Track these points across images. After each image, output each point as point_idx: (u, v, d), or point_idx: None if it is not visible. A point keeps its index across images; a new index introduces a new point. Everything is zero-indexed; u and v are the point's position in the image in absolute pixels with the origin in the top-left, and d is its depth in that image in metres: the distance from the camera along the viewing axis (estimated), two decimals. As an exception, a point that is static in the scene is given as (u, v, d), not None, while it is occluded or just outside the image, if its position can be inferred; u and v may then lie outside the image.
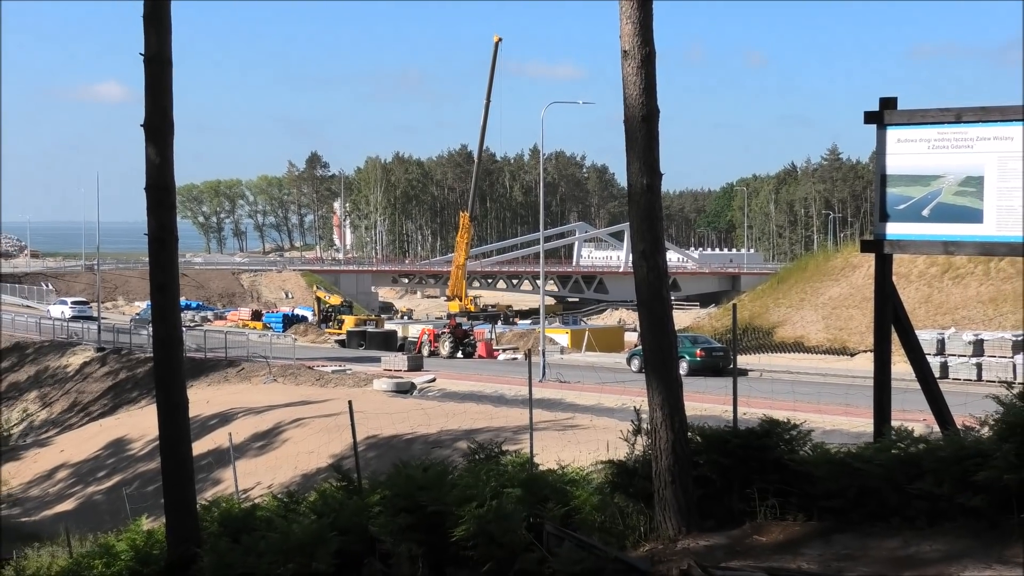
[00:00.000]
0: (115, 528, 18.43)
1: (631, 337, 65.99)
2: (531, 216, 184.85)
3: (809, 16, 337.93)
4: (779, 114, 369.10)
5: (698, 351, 46.72)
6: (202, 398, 41.95)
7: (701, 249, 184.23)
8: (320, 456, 32.70)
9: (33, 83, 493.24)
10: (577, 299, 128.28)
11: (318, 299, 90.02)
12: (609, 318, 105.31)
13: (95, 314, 77.62)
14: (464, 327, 68.99)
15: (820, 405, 31.03)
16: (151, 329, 14.13)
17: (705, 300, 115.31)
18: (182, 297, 15.94)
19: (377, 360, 56.53)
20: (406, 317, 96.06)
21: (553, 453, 16.27)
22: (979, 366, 44.45)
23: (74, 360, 63.96)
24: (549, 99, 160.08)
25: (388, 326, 78.60)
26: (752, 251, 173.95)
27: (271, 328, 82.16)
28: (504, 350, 64.92)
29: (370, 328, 74.69)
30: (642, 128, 10.08)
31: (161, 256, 13.45)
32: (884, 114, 11.43)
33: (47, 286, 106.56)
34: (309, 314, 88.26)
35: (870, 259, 11.87)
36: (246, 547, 11.69)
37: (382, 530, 10.57)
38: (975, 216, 10.99)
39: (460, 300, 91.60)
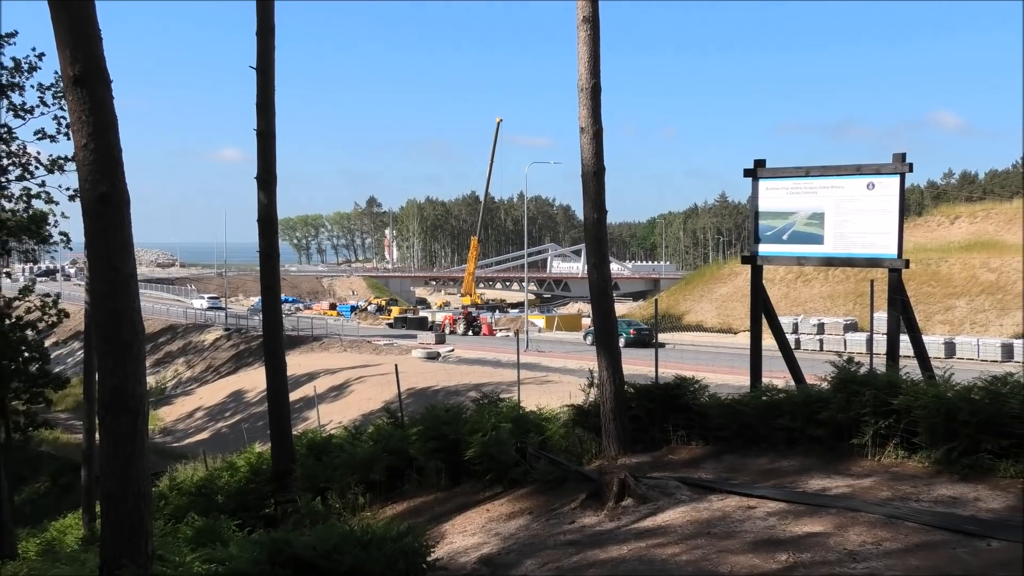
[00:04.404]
0: (236, 450, 18.39)
1: (586, 321, 65.99)
2: (518, 239, 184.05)
3: (706, 102, 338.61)
4: (686, 168, 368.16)
5: (631, 331, 46.77)
6: (295, 363, 41.86)
7: (634, 262, 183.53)
8: (375, 402, 32.72)
9: (182, 148, 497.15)
10: (550, 296, 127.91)
11: (369, 301, 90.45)
12: (571, 308, 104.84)
13: (223, 305, 77.42)
14: (473, 314, 68.97)
15: (714, 367, 31.09)
16: (262, 316, 14.07)
17: (636, 296, 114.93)
18: (282, 294, 15.87)
19: (414, 337, 56.52)
20: (444, 308, 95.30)
21: (534, 400, 16.24)
22: (821, 341, 44.68)
23: (208, 337, 63.74)
24: (530, 160, 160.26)
25: (422, 314, 78.56)
26: (668, 263, 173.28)
27: (342, 315, 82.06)
28: (501, 330, 64.91)
29: (409, 315, 74.57)
30: (593, 180, 10.09)
31: (268, 266, 13.44)
32: (757, 170, 11.46)
33: (190, 286, 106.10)
34: (359, 305, 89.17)
35: (747, 269, 11.87)
36: (325, 463, 11.71)
37: (417, 452, 10.59)
38: (818, 240, 11.03)
39: (470, 296, 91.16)
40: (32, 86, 31.14)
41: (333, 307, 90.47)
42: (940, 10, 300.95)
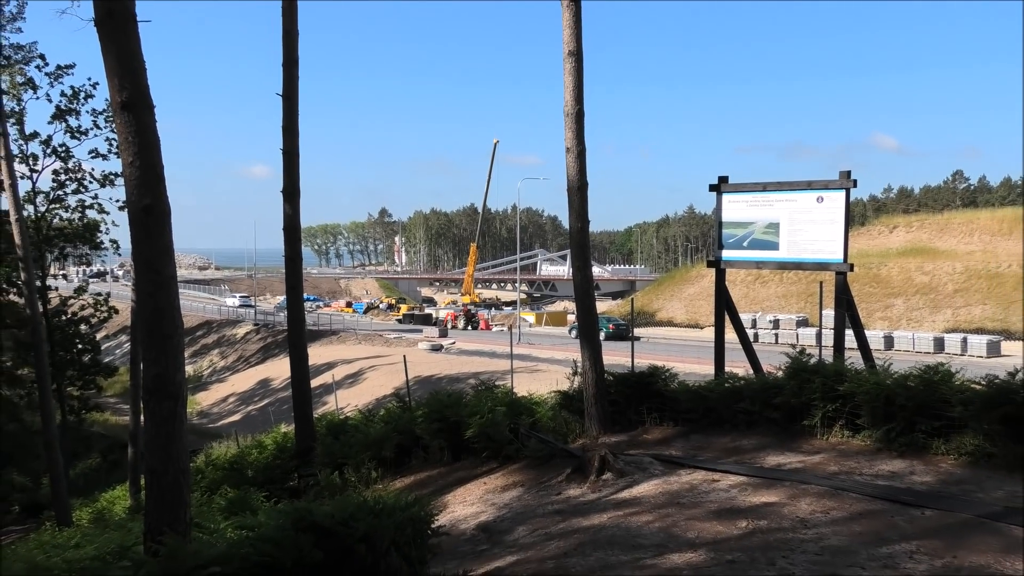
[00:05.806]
0: (264, 431, 18.33)
1: (571, 317, 65.97)
2: (512, 245, 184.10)
3: (675, 127, 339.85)
4: (659, 184, 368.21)
5: (611, 326, 46.77)
6: (316, 354, 41.57)
7: (613, 265, 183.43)
8: (386, 388, 32.67)
9: (217, 165, 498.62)
10: (539, 295, 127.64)
11: (381, 300, 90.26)
12: (558, 306, 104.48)
13: (253, 303, 77.22)
14: (472, 311, 68.89)
15: (683, 358, 31.11)
16: (287, 312, 14.03)
17: (615, 295, 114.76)
18: (305, 293, 15.81)
19: (420, 331, 56.40)
20: (450, 306, 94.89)
21: (525, 386, 16.27)
22: (776, 335, 44.72)
23: (240, 331, 63.56)
24: (523, 176, 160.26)
25: (427, 310, 78.49)
26: (642, 267, 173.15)
27: (357, 312, 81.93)
28: (496, 325, 64.86)
29: (416, 312, 74.47)
30: (577, 194, 10.08)
31: (292, 269, 13.40)
32: (720, 185, 11.49)
33: (224, 287, 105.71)
34: (372, 303, 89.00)
35: (712, 272, 11.90)
36: (342, 442, 11.67)
37: (423, 432, 10.55)
38: (774, 246, 11.06)
39: (470, 295, 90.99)
40: (87, 111, 31.25)
41: (349, 305, 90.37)
42: (880, 49, 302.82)
